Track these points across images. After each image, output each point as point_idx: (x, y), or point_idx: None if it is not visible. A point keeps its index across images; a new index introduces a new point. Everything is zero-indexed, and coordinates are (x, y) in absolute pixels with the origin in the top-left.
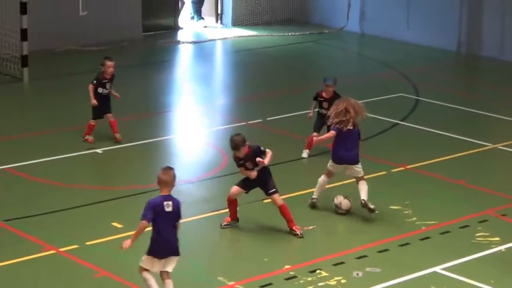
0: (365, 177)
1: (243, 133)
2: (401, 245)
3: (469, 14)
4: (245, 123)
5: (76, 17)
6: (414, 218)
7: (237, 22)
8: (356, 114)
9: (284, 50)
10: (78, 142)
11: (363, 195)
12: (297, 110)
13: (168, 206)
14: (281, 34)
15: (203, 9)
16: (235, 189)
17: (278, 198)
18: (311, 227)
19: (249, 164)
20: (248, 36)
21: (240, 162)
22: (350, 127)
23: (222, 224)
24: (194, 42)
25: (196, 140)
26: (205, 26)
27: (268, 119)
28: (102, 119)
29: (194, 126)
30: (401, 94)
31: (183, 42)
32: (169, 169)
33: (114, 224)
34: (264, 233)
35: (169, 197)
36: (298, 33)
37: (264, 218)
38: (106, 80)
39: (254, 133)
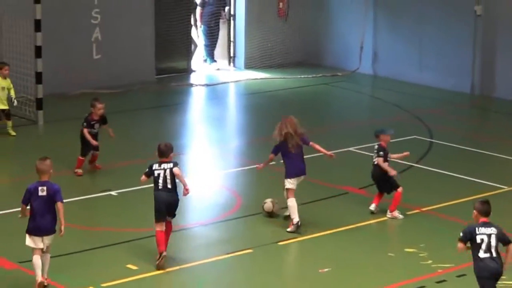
0: (380, 219)
1: (255, 176)
2: None
3: (482, 56)
4: (258, 165)
5: (90, 61)
6: (430, 261)
7: (250, 64)
8: (292, 129)
9: (296, 93)
10: (92, 184)
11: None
12: (310, 152)
13: (43, 191)
14: (294, 76)
15: (215, 52)
16: None
17: None
18: (326, 269)
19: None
20: (261, 78)
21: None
22: (293, 142)
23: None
24: (207, 85)
25: (209, 182)
26: (218, 69)
27: (281, 161)
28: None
29: (207, 169)
30: (415, 136)
31: (196, 85)
32: (46, 158)
33: (129, 266)
34: (276, 273)
35: (44, 183)
36: (311, 76)
37: (275, 260)
38: (95, 121)
39: (267, 175)
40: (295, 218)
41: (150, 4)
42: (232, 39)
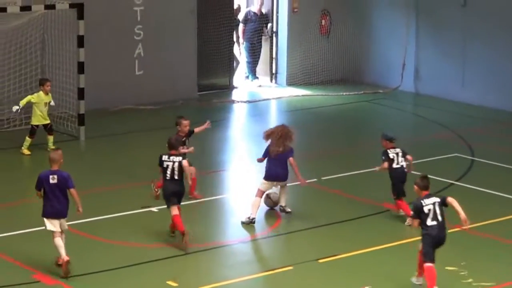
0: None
1: (296, 193)
2: None
3: None
4: (299, 182)
5: (132, 77)
6: (470, 280)
7: (292, 81)
8: (280, 139)
9: (338, 110)
10: (133, 200)
11: (283, 201)
12: (351, 170)
13: (54, 179)
14: (335, 93)
15: (257, 68)
16: None
17: None
18: (366, 287)
19: None
20: (302, 95)
21: None
22: (274, 150)
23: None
24: (248, 102)
25: (250, 199)
26: (260, 86)
27: (323, 178)
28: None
29: (248, 185)
30: (456, 154)
31: (238, 102)
32: (58, 149)
33: (169, 283)
34: None
35: (55, 172)
36: (352, 93)
37: (316, 277)
38: (184, 138)
39: (308, 191)
40: (252, 214)
41: (193, 20)
42: (274, 56)
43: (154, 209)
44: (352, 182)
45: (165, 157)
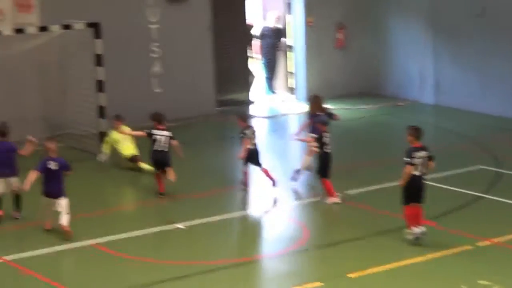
0: (450, 251)
1: (322, 207)
2: None
3: None
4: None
5: (150, 94)
6: None
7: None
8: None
9: (357, 123)
10: (159, 217)
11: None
12: (375, 184)
13: (51, 164)
14: (354, 107)
15: (275, 83)
16: None
17: None
18: None
19: None
20: None
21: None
22: None
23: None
24: (267, 116)
25: (275, 215)
26: (278, 100)
27: (347, 192)
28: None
29: (271, 201)
30: (479, 166)
31: (257, 116)
32: (52, 138)
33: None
34: None
35: (53, 158)
36: (371, 106)
37: None
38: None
39: (334, 206)
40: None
41: (209, 37)
42: (291, 70)
43: (179, 225)
44: (375, 196)
45: (154, 131)
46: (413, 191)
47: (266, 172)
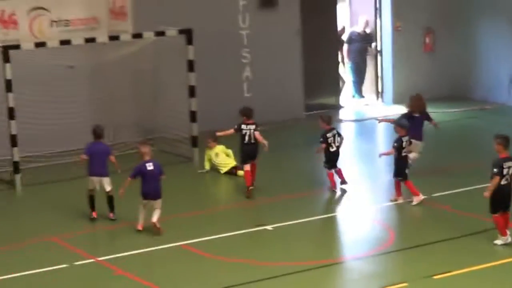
0: None
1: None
2: None
3: None
4: (409, 199)
5: (241, 99)
6: None
7: (398, 99)
8: None
9: (445, 126)
10: (247, 218)
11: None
12: (462, 186)
13: (150, 166)
14: (442, 110)
15: (363, 87)
16: None
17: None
18: None
19: None
20: None
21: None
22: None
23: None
24: (355, 120)
25: (362, 217)
26: (366, 104)
27: (433, 195)
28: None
29: (359, 203)
30: None
31: (345, 121)
32: (145, 143)
33: None
34: None
35: (149, 161)
36: (459, 109)
37: None
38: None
39: (420, 208)
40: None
41: (298, 42)
42: (379, 74)
43: (268, 227)
44: (463, 198)
45: (243, 126)
46: (501, 200)
47: (339, 172)
